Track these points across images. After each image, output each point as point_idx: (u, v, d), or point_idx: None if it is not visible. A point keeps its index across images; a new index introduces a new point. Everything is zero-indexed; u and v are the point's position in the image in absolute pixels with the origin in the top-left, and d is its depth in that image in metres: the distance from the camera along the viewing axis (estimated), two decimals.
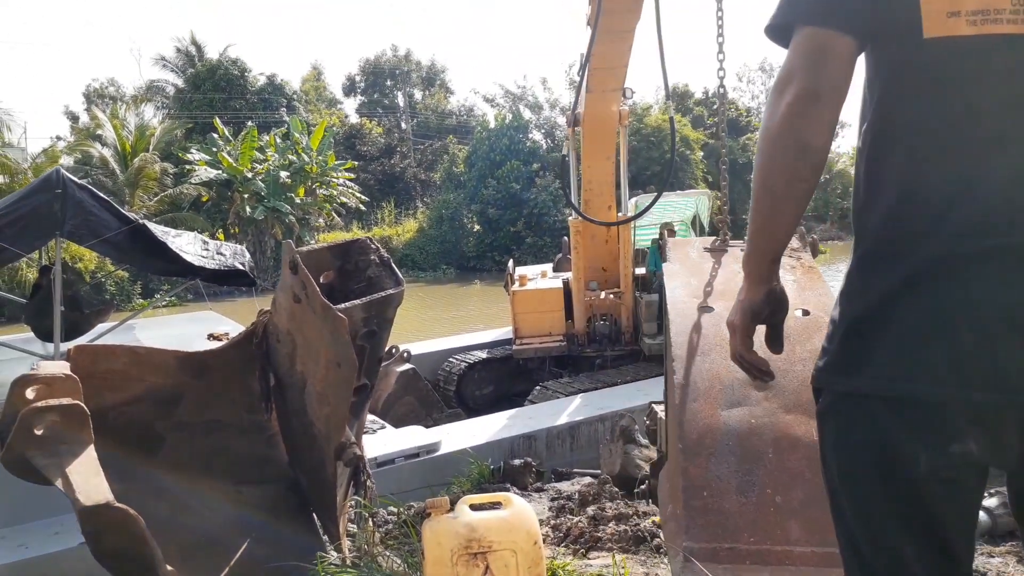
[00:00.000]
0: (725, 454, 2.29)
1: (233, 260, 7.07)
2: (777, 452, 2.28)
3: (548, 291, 8.85)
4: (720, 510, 2.20)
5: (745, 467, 2.26)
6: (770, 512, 2.19)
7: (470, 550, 2.73)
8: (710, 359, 2.51)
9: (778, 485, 2.22)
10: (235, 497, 3.92)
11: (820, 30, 1.36)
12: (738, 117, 41.39)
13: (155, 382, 3.54)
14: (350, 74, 49.93)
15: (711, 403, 2.40)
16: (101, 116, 29.31)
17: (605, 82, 6.53)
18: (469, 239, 34.42)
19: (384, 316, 3.12)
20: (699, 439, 2.33)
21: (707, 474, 2.26)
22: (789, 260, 3.00)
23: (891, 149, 1.38)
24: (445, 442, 5.97)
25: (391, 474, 5.52)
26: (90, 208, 6.23)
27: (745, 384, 2.42)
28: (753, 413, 2.36)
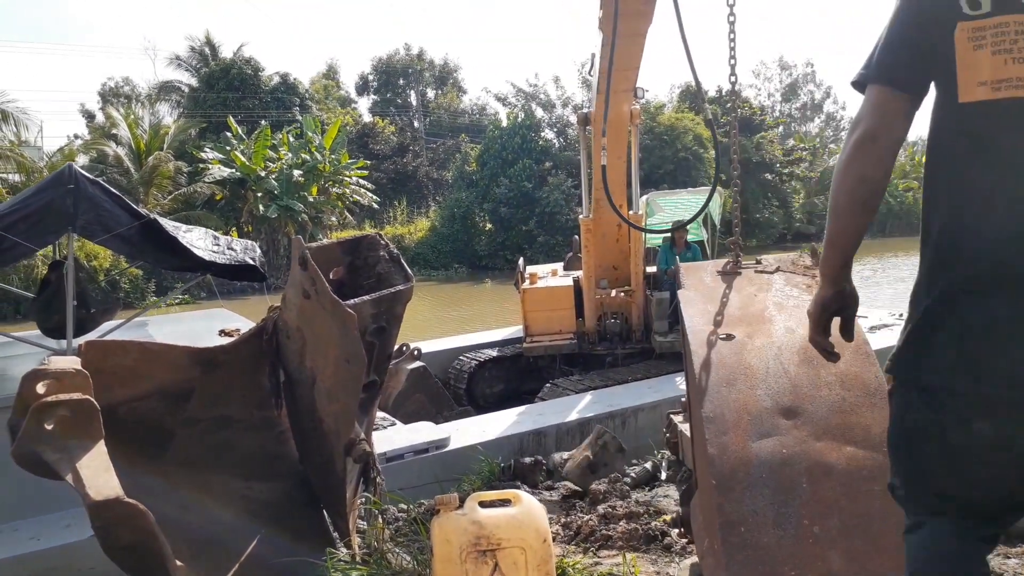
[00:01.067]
0: (759, 487, 2.26)
1: (244, 255, 7.08)
2: (811, 481, 2.25)
3: (559, 289, 8.82)
4: (758, 545, 2.17)
5: (780, 498, 2.23)
6: (809, 543, 2.16)
7: (479, 547, 2.71)
8: (736, 389, 2.47)
9: (815, 515, 2.20)
10: (245, 493, 3.92)
11: (884, 88, 1.74)
12: (752, 116, 41.12)
13: (165, 378, 3.54)
14: (363, 73, 50.08)
15: (741, 435, 2.36)
16: (115, 115, 29.49)
17: (617, 83, 6.52)
18: (481, 238, 34.42)
19: (393, 312, 3.10)
20: (732, 473, 2.29)
21: (743, 508, 2.23)
22: (804, 279, 2.96)
23: (936, 192, 1.73)
24: (454, 438, 5.95)
25: (400, 469, 5.49)
26: (102, 203, 6.26)
27: (774, 413, 2.39)
28: (784, 443, 2.33)
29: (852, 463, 2.23)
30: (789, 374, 2.47)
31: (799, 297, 2.82)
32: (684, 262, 8.63)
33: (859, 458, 2.24)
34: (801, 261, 3.07)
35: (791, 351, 2.55)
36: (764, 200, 38.92)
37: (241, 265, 7.03)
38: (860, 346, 2.50)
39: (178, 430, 3.70)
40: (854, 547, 2.13)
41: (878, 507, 2.16)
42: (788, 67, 66.09)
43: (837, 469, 2.23)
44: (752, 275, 3.02)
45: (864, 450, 2.25)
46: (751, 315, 2.76)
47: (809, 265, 3.03)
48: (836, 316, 2.01)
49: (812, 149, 47.53)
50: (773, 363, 2.51)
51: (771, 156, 39.51)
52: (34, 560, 4.51)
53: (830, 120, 68.01)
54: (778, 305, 2.79)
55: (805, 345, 2.55)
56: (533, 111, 38.57)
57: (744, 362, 2.53)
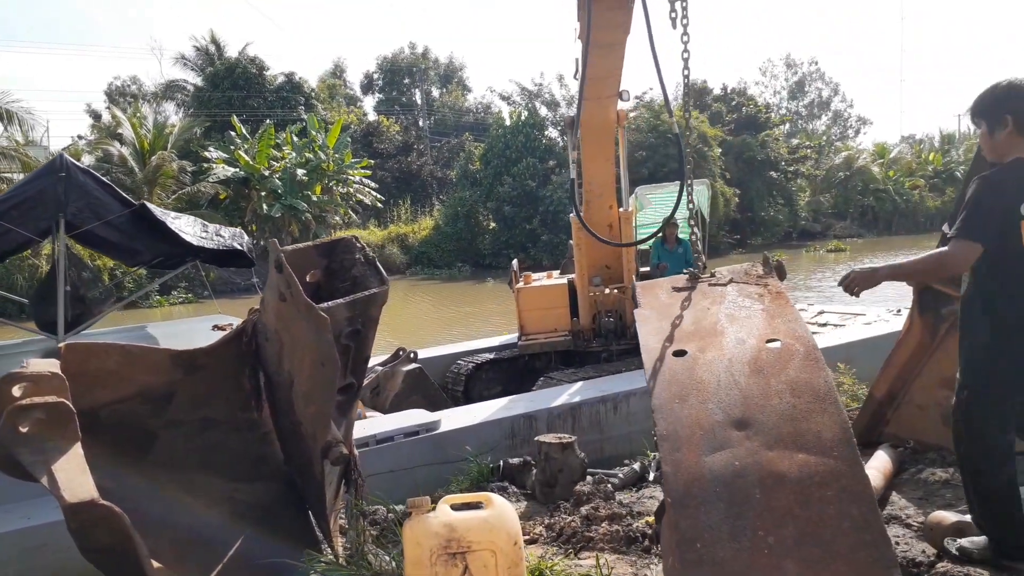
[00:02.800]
0: (714, 501, 2.27)
1: (232, 241, 7.14)
2: (764, 491, 2.26)
3: (553, 288, 8.84)
4: (715, 560, 2.18)
5: (735, 511, 2.24)
6: (764, 554, 2.17)
7: (449, 550, 2.73)
8: (688, 405, 2.49)
9: (769, 525, 2.21)
10: (230, 495, 3.94)
11: (975, 244, 2.98)
12: (757, 114, 41.03)
13: (147, 380, 3.56)
14: (368, 72, 50.19)
15: (694, 450, 2.37)
16: (120, 115, 29.61)
17: (600, 90, 6.54)
18: (485, 236, 34.47)
19: (368, 315, 3.12)
20: (686, 489, 2.31)
21: (698, 524, 2.24)
22: (756, 288, 2.97)
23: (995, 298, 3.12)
24: (445, 422, 5.96)
25: (390, 451, 5.49)
26: (92, 191, 6.37)
27: (725, 426, 2.40)
28: (736, 455, 2.34)
29: (804, 470, 2.24)
30: (740, 386, 2.48)
31: (751, 308, 2.84)
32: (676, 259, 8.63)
33: (811, 464, 2.25)
34: (754, 271, 3.08)
35: (742, 362, 2.56)
36: (769, 198, 38.86)
37: (230, 251, 7.09)
38: (810, 352, 2.52)
39: (161, 432, 3.72)
40: (809, 554, 2.14)
41: (832, 512, 2.17)
42: (794, 65, 65.96)
43: (790, 477, 2.24)
44: (706, 288, 3.04)
45: (816, 456, 2.26)
46: (703, 329, 2.78)
47: (761, 274, 3.04)
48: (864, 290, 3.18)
49: (818, 147, 47.39)
50: (724, 376, 2.53)
51: (776, 154, 39.41)
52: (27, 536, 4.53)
53: (837, 118, 67.79)
54: (730, 317, 2.81)
55: (756, 356, 2.57)
56: (537, 109, 38.60)
57: (696, 377, 2.55)
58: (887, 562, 2.13)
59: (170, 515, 3.68)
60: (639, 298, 3.17)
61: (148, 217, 6.58)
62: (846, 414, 2.42)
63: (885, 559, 2.13)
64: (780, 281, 3.05)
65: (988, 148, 3.13)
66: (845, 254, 34.92)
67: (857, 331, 8.34)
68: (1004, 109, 3.02)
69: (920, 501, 3.96)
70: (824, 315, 9.63)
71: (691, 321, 2.88)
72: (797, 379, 2.48)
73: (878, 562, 2.12)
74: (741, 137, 38.09)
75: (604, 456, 6.03)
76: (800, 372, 2.50)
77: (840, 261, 32.25)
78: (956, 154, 51.24)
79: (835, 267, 30.33)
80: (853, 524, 2.18)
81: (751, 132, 38.92)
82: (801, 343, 2.61)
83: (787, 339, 2.65)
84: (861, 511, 2.20)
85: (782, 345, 2.63)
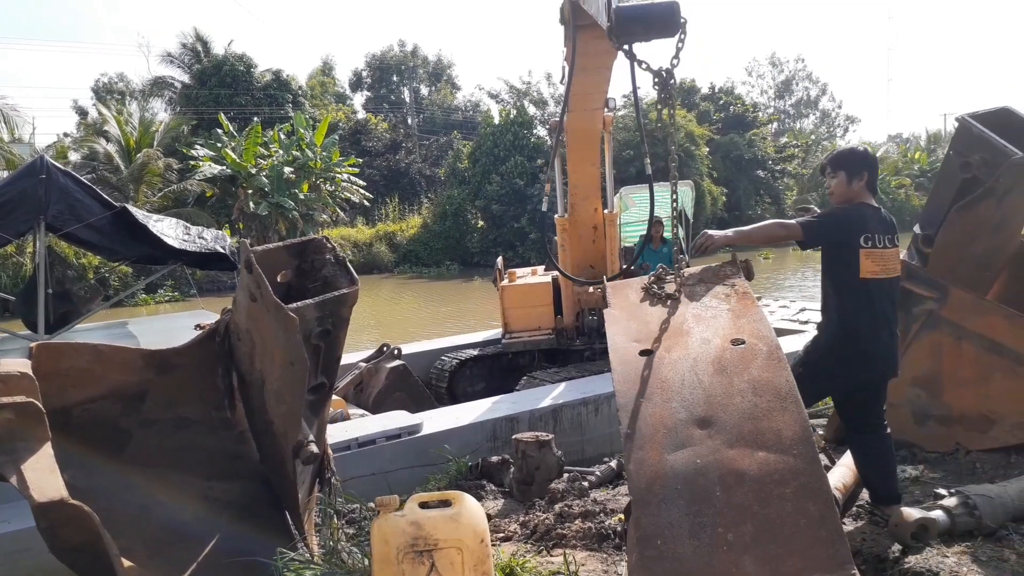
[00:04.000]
0: (675, 498, 2.29)
1: (215, 244, 7.14)
2: (724, 489, 2.29)
3: (537, 286, 8.87)
4: (675, 556, 2.21)
5: (695, 508, 2.27)
6: (723, 551, 2.20)
7: (416, 548, 2.75)
8: (653, 404, 2.52)
9: (729, 522, 2.24)
10: (205, 493, 3.95)
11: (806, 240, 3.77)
12: (744, 113, 41.17)
13: (119, 379, 3.58)
14: (357, 69, 50.05)
15: (656, 449, 2.40)
16: (106, 112, 29.45)
17: (586, 103, 6.59)
18: (473, 235, 34.43)
19: (339, 315, 3.14)
20: (648, 487, 2.34)
21: (659, 521, 2.27)
22: (723, 288, 3.01)
23: None
24: (427, 424, 5.98)
25: (372, 454, 5.51)
26: (74, 193, 6.35)
27: (688, 424, 2.43)
28: (698, 453, 2.37)
29: (764, 468, 2.27)
30: (703, 384, 2.52)
31: (717, 308, 2.87)
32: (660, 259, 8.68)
33: (771, 462, 2.28)
34: (722, 271, 3.11)
35: (706, 362, 2.59)
36: (756, 197, 39.00)
37: (212, 254, 7.09)
38: (772, 352, 2.55)
39: (135, 431, 3.73)
40: (767, 551, 2.17)
41: (789, 509, 2.20)
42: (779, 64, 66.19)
43: (749, 475, 2.27)
44: (675, 288, 3.07)
45: (775, 454, 2.29)
46: (670, 329, 2.81)
47: (729, 275, 3.08)
48: None
49: (804, 146, 47.58)
50: (688, 375, 2.56)
51: (763, 153, 39.55)
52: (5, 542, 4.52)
53: (825, 117, 68.07)
54: (696, 317, 2.84)
55: (720, 355, 2.60)
56: (525, 108, 38.57)
57: (660, 376, 2.58)
58: (841, 559, 2.16)
59: (144, 514, 3.69)
60: (609, 298, 3.20)
61: (129, 220, 6.57)
62: (806, 413, 2.45)
63: (840, 556, 2.17)
64: (747, 281, 3.08)
65: (841, 192, 3.93)
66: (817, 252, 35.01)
67: None
68: (863, 166, 3.91)
69: None
70: (806, 312, 9.71)
71: (658, 321, 2.91)
72: (759, 378, 2.51)
73: (833, 558, 2.16)
74: (728, 136, 38.21)
75: (585, 457, 6.07)
76: (762, 372, 2.53)
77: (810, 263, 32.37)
78: (942, 153, 51.46)
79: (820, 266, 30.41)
80: (810, 521, 2.21)
81: (738, 131, 39.04)
82: (764, 343, 2.64)
83: (751, 339, 2.68)
84: (818, 508, 2.23)
85: (746, 345, 2.66)
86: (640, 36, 3.59)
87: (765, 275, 26.94)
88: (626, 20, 3.61)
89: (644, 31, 3.57)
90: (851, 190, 3.87)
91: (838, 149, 4.69)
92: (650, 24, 3.55)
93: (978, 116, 4.49)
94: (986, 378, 4.39)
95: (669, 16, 3.47)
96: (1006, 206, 4.50)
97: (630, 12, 3.63)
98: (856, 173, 3.90)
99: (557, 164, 8.28)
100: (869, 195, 3.90)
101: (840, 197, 3.92)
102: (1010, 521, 3.44)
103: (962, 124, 4.51)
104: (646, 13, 3.56)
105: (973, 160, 4.42)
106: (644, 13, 3.56)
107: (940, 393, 4.54)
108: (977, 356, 4.40)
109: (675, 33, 3.42)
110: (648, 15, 3.55)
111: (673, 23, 3.45)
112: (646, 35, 3.59)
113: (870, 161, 4.00)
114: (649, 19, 3.55)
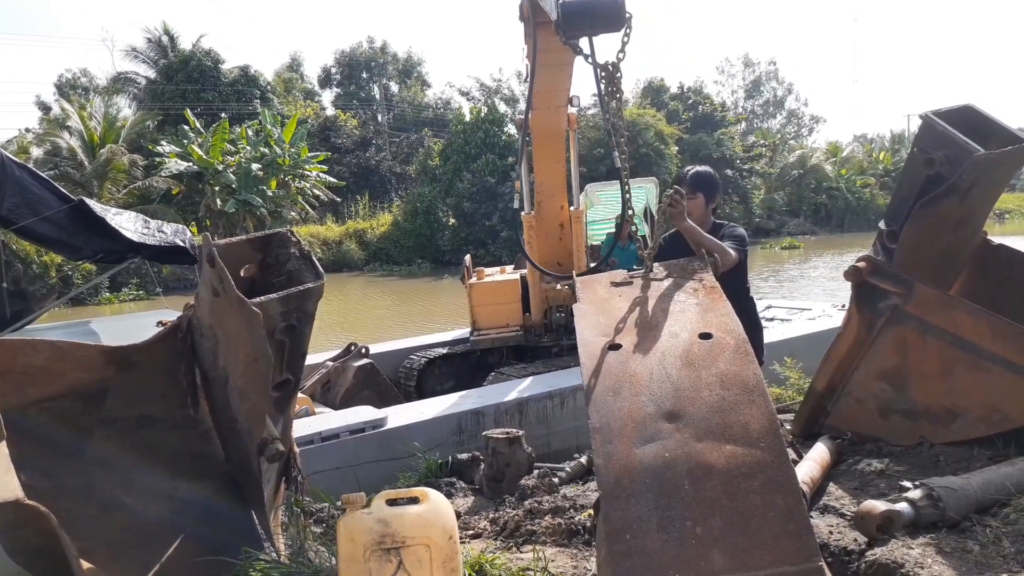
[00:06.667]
0: (643, 492, 2.28)
1: (175, 237, 7.02)
2: (693, 483, 2.28)
3: (505, 283, 8.89)
4: (643, 551, 2.20)
5: (664, 502, 2.26)
6: (692, 544, 2.19)
7: (383, 545, 2.71)
8: (621, 398, 2.50)
9: (697, 516, 2.23)
10: (169, 493, 3.87)
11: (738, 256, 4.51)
12: (713, 112, 41.53)
13: (79, 377, 3.49)
14: (326, 66, 49.66)
15: (625, 443, 2.39)
16: (69, 107, 28.92)
17: (549, 101, 6.61)
18: (444, 233, 34.37)
19: (304, 310, 3.09)
20: (617, 481, 2.32)
21: (628, 516, 2.25)
22: (692, 283, 3.00)
23: None
24: (392, 419, 5.94)
25: (336, 449, 5.47)
26: (29, 186, 6.22)
27: (657, 418, 2.42)
28: (666, 446, 2.36)
29: (732, 461, 2.27)
30: (672, 378, 2.51)
31: (685, 302, 2.88)
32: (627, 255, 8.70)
33: (738, 455, 2.28)
34: (690, 266, 3.12)
35: (674, 356, 2.59)
36: (725, 196, 39.36)
37: (172, 247, 6.97)
38: (740, 346, 2.55)
39: (95, 430, 3.65)
40: (735, 544, 2.17)
41: (757, 503, 2.20)
42: (752, 64, 66.89)
43: (717, 468, 2.27)
44: (643, 283, 3.07)
45: (743, 447, 2.29)
46: (639, 323, 2.80)
47: (697, 270, 3.08)
48: None
49: (772, 146, 48.11)
50: (657, 369, 2.55)
51: (732, 152, 39.93)
52: None
53: (792, 117, 68.91)
54: (665, 311, 2.84)
55: (688, 349, 2.60)
56: (496, 105, 38.55)
57: (629, 370, 2.57)
58: (809, 551, 2.17)
59: (105, 515, 3.61)
60: (578, 293, 3.18)
61: (87, 213, 6.44)
62: (773, 406, 2.46)
63: (807, 548, 2.17)
64: (715, 276, 3.08)
65: (700, 215, 4.30)
66: (799, 251, 35.50)
67: (802, 326, 8.51)
68: (718, 193, 4.52)
69: (856, 491, 4.04)
70: (772, 310, 9.81)
71: (627, 315, 2.90)
72: (727, 372, 2.51)
73: (800, 551, 2.16)
74: (697, 136, 38.54)
75: (551, 451, 6.07)
76: (730, 365, 2.53)
77: (794, 258, 32.82)
78: (906, 153, 52.23)
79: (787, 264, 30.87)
80: (778, 514, 2.22)
81: (707, 130, 39.39)
82: (732, 337, 2.64)
83: (719, 333, 2.68)
84: (786, 501, 2.23)
85: (714, 339, 2.66)
86: (587, 30, 3.61)
87: None
88: (572, 14, 3.66)
89: (591, 25, 3.60)
90: (706, 213, 4.40)
91: (697, 169, 5.00)
92: (596, 18, 3.58)
93: (942, 114, 4.53)
94: (949, 373, 4.44)
95: (614, 11, 3.51)
96: (969, 202, 4.55)
97: (576, 7, 3.67)
98: (714, 199, 4.50)
99: (524, 162, 8.30)
100: None
101: (698, 219, 4.29)
102: (973, 512, 3.47)
103: (926, 121, 4.54)
104: (592, 7, 3.59)
105: (936, 157, 4.45)
106: (590, 7, 3.59)
107: (905, 388, 4.58)
108: (941, 351, 4.44)
109: (621, 27, 3.43)
110: (594, 9, 3.58)
111: (618, 18, 3.48)
112: (592, 29, 3.60)
113: (720, 186, 4.67)
114: (595, 13, 3.58)
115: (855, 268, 4.51)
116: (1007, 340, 4.21)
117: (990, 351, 4.25)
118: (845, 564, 3.29)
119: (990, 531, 3.24)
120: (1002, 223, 46.66)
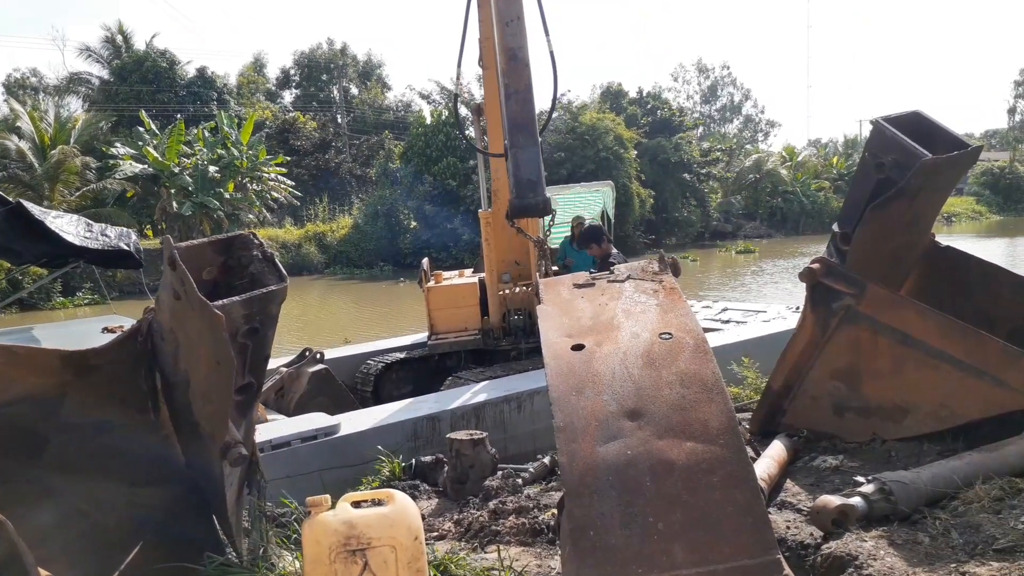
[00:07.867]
0: (606, 489, 2.33)
1: (119, 241, 6.86)
2: (654, 479, 2.33)
3: (463, 287, 8.84)
4: (607, 547, 2.24)
5: (626, 499, 2.30)
6: (654, 540, 2.24)
7: (349, 547, 2.72)
8: (584, 397, 2.55)
9: (659, 512, 2.28)
10: (129, 499, 3.82)
11: None
12: (671, 117, 42.01)
13: (34, 382, 3.42)
14: (284, 67, 49.15)
15: (589, 441, 2.43)
16: (18, 107, 28.21)
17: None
18: (406, 235, 34.22)
19: (267, 313, 3.08)
20: (580, 479, 2.36)
21: (591, 512, 2.30)
22: (652, 284, 3.07)
23: None
24: (345, 426, 5.88)
25: (286, 457, 5.38)
26: None
27: (619, 417, 2.47)
28: (628, 444, 2.40)
29: (692, 457, 2.33)
30: (633, 377, 2.56)
31: (646, 303, 2.93)
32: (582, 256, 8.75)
33: (698, 452, 2.34)
34: (650, 268, 3.18)
35: (636, 355, 2.65)
36: (683, 199, 39.83)
37: (116, 251, 6.82)
38: (699, 344, 2.62)
39: (53, 436, 3.57)
40: (696, 538, 2.22)
41: (717, 497, 2.26)
42: (706, 70, 67.80)
43: (678, 465, 2.32)
44: (605, 285, 3.13)
45: (703, 444, 2.35)
46: (601, 324, 2.85)
47: (657, 271, 3.14)
48: None
49: (729, 150, 48.80)
50: (619, 368, 2.60)
51: (689, 156, 40.40)
52: None
53: (748, 122, 70.00)
54: (626, 312, 2.89)
55: (649, 348, 2.66)
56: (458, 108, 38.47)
57: (592, 370, 2.61)
58: (767, 544, 2.23)
59: (64, 522, 3.55)
60: (542, 294, 3.22)
61: (25, 215, 6.27)
62: (732, 404, 2.52)
63: (765, 541, 2.24)
64: (674, 278, 3.15)
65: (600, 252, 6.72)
66: (754, 255, 36.02)
67: (758, 328, 8.64)
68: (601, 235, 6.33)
69: (811, 487, 4.14)
70: (727, 312, 9.95)
71: (590, 316, 2.95)
72: (687, 370, 2.57)
73: (759, 544, 2.22)
74: (656, 140, 38.91)
75: (508, 455, 6.07)
76: (690, 364, 2.59)
77: (750, 262, 33.27)
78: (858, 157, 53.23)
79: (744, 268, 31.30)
80: (737, 508, 2.28)
81: (665, 135, 39.80)
82: (691, 336, 2.70)
83: (678, 333, 2.74)
84: (744, 496, 2.29)
85: (673, 338, 2.72)
86: None
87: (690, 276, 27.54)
88: None
89: None
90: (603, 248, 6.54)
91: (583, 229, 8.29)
92: None
93: (891, 120, 4.66)
94: (900, 371, 4.57)
95: None
96: (917, 205, 4.69)
97: None
98: (599, 240, 7.40)
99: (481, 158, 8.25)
100: None
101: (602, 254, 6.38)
102: (924, 505, 3.59)
103: (876, 127, 4.68)
104: None
105: (887, 161, 4.58)
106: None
107: (858, 386, 4.71)
108: (892, 349, 4.57)
109: None
110: None
111: None
112: None
113: None
114: None
115: (809, 270, 4.61)
116: (954, 338, 4.35)
117: (938, 349, 4.39)
118: (802, 557, 3.38)
119: (940, 523, 3.35)
120: (949, 226, 47.94)
